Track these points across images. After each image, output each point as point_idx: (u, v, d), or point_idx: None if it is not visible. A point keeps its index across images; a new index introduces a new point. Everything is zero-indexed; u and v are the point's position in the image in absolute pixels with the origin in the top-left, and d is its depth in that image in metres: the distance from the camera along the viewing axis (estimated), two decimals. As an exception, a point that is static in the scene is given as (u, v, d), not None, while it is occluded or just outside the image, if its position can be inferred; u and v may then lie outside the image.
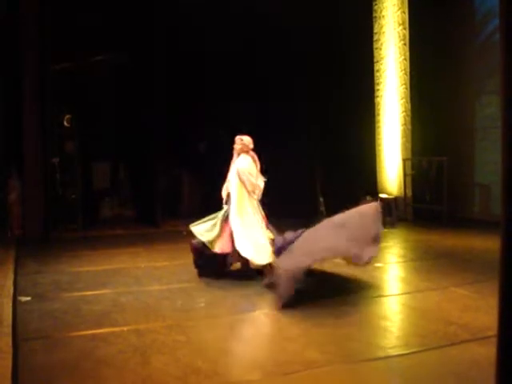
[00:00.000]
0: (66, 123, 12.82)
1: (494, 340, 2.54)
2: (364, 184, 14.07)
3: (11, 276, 7.43)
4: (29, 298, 6.29)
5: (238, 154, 7.38)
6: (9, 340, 4.67)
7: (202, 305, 5.96)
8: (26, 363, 4.22)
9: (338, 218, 7.07)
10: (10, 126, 12.03)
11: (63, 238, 11.48)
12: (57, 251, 9.65)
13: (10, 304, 5.93)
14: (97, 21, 12.79)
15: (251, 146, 7.36)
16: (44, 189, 11.91)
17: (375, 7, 14.25)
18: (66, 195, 12.68)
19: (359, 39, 14.14)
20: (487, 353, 3.21)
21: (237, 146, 7.34)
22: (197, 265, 7.39)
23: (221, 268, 7.26)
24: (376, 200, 13.32)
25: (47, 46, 12.08)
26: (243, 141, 7.31)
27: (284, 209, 13.27)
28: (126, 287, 6.87)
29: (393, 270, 8.27)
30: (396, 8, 13.65)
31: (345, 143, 14.61)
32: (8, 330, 4.98)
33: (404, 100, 13.71)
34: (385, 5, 13.94)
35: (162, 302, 6.10)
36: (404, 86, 13.70)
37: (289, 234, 7.12)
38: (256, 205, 7.24)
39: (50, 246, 10.42)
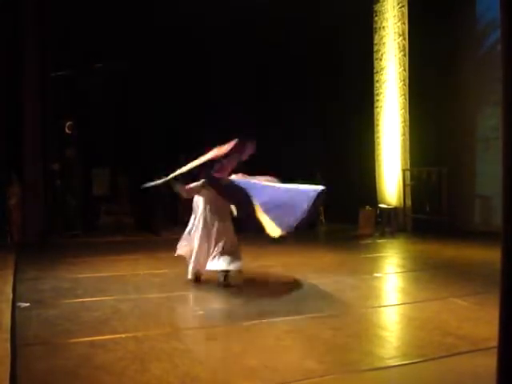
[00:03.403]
0: (67, 130, 12.84)
1: (495, 351, 2.55)
2: (363, 194, 14.09)
3: (10, 281, 7.42)
4: (28, 304, 6.28)
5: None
6: (7, 346, 4.66)
7: (201, 313, 5.95)
8: (24, 369, 4.21)
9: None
10: (11, 131, 12.04)
11: (63, 243, 11.48)
12: (56, 257, 9.65)
13: (9, 310, 5.92)
14: (97, 28, 12.85)
15: None
16: (44, 195, 11.94)
17: (375, 18, 14.32)
18: (66, 201, 12.69)
19: (359, 50, 14.21)
20: (487, 364, 3.20)
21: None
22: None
23: None
24: (375, 210, 13.38)
25: (48, 52, 12.12)
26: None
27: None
28: (126, 294, 6.86)
29: (392, 280, 8.26)
30: (396, 19, 13.71)
31: (344, 153, 14.66)
32: (6, 335, 4.97)
33: (403, 110, 13.74)
34: (385, 16, 14.01)
35: (161, 310, 6.10)
36: (403, 97, 13.74)
37: None
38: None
39: (49, 252, 10.43)
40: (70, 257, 9.66)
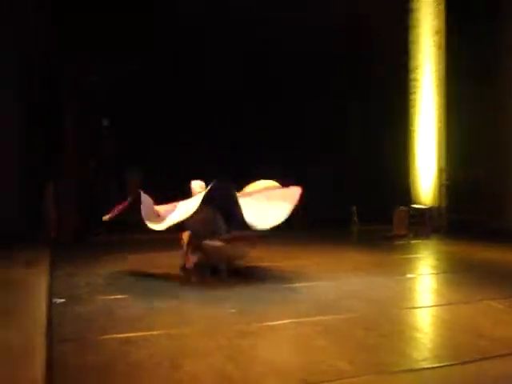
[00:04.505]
0: (103, 129, 13.00)
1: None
2: (398, 194, 13.97)
3: (46, 278, 7.55)
4: (63, 300, 6.37)
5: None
6: (43, 341, 4.74)
7: (233, 311, 5.97)
8: (59, 364, 4.27)
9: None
10: (49, 131, 12.25)
11: (98, 241, 11.62)
12: (91, 254, 9.79)
13: (45, 305, 6.03)
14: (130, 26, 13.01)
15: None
16: (80, 193, 12.11)
17: (411, 15, 14.17)
18: (101, 198, 12.82)
19: (394, 48, 14.09)
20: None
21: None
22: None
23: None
24: (410, 210, 13.23)
25: (84, 50, 12.32)
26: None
27: (317, 218, 13.32)
28: (160, 291, 6.93)
29: (425, 281, 8.18)
30: (433, 16, 13.56)
31: (379, 152, 14.57)
32: (42, 330, 5.05)
33: (440, 110, 13.57)
34: (422, 13, 13.85)
35: (195, 308, 6.14)
36: (439, 96, 13.58)
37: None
38: None
39: (84, 249, 10.57)
40: (105, 253, 9.77)
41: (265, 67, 14.38)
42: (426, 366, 4.35)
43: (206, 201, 7.10)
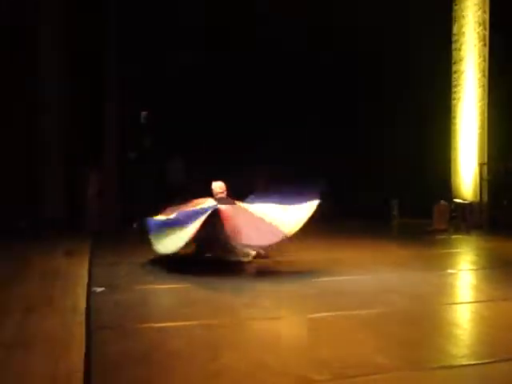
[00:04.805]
0: (142, 120, 13.13)
1: None
2: (438, 188, 13.78)
3: (87, 266, 7.68)
4: (103, 289, 6.46)
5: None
6: (82, 329, 4.82)
7: (270, 303, 5.99)
8: (98, 352, 4.33)
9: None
10: (91, 124, 12.43)
11: (138, 231, 11.73)
12: (132, 244, 9.90)
13: (85, 294, 6.13)
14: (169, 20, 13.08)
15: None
16: (120, 184, 12.29)
17: (455, 7, 13.91)
18: (141, 190, 12.96)
19: (435, 39, 13.87)
20: None
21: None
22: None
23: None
24: (450, 205, 13.03)
25: (124, 46, 12.47)
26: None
27: (355, 211, 13.25)
28: (197, 282, 6.98)
29: (465, 277, 8.06)
30: (477, 8, 13.29)
31: (419, 146, 14.38)
32: (82, 318, 5.14)
33: (482, 102, 13.32)
34: (466, 4, 13.58)
35: (230, 299, 6.17)
36: (482, 88, 13.31)
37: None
38: None
39: (124, 239, 10.69)
40: (145, 244, 9.86)
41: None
42: (464, 363, 4.29)
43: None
